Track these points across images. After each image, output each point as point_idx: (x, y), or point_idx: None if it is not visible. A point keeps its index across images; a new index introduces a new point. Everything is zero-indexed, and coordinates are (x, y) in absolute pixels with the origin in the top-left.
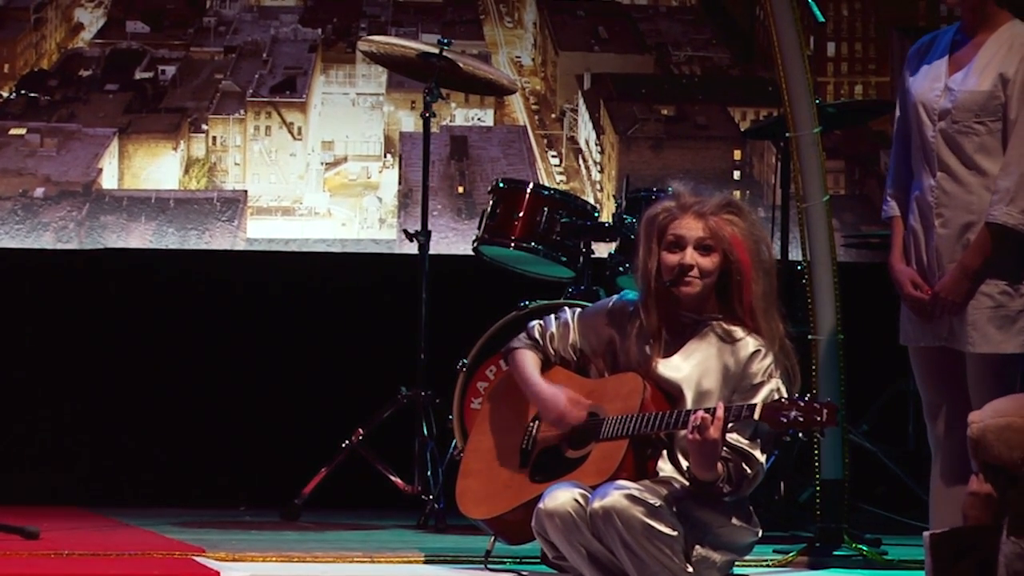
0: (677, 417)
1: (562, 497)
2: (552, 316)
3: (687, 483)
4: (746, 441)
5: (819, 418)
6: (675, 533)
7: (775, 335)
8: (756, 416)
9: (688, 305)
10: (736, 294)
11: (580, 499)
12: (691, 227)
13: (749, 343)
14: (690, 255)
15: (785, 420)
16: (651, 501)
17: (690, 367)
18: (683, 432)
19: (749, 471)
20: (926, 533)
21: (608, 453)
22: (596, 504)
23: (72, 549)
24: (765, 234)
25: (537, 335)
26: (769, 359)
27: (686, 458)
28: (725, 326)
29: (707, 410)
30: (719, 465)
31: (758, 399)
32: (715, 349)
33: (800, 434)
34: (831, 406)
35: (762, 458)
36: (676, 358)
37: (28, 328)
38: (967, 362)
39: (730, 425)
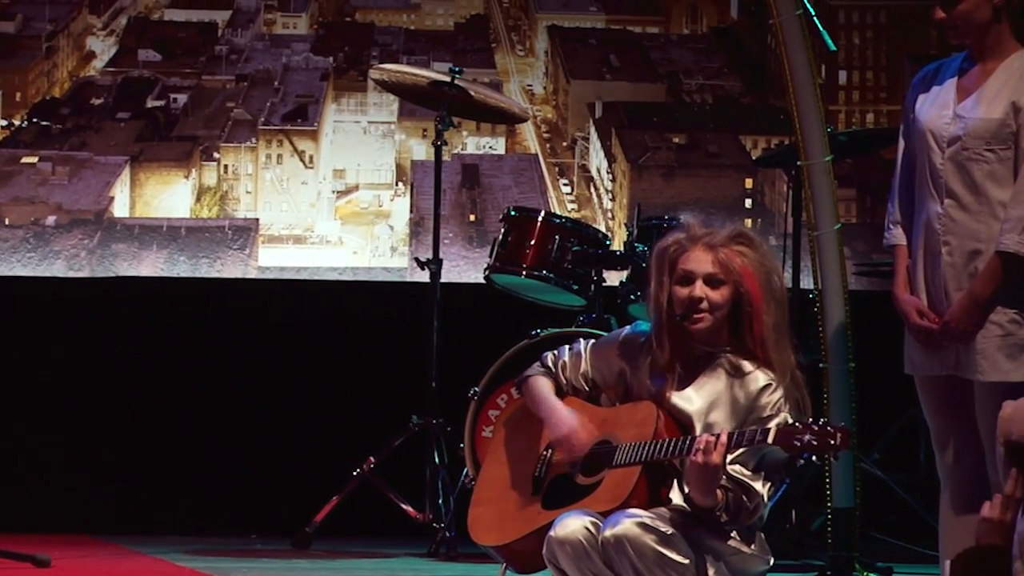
0: (690, 444)
1: (573, 525)
2: (565, 347)
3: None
4: (748, 473)
5: (833, 442)
6: (687, 561)
7: (786, 367)
8: (770, 440)
9: (700, 337)
10: (747, 325)
11: (591, 527)
12: (701, 260)
13: (759, 377)
14: (700, 289)
15: (799, 444)
16: (663, 529)
17: (701, 400)
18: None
19: (748, 503)
20: (946, 561)
21: (620, 480)
22: (608, 532)
23: None
24: (776, 264)
25: (550, 363)
26: (779, 393)
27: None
28: (734, 359)
29: (712, 435)
30: (719, 493)
31: None
32: (725, 383)
33: (814, 458)
34: (845, 430)
35: (764, 490)
36: (689, 390)
37: (39, 356)
38: (975, 390)
39: (736, 455)
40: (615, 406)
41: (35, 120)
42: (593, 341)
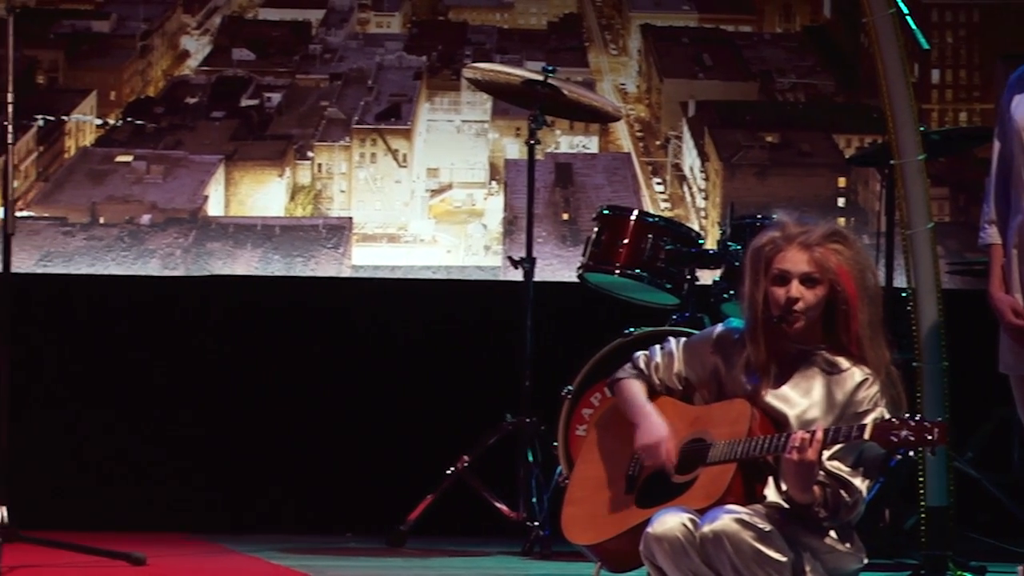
0: (785, 441)
1: (671, 522)
2: (657, 346)
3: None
4: (847, 469)
5: (930, 437)
6: (785, 559)
7: (881, 363)
8: (867, 436)
9: (795, 336)
10: (842, 323)
11: (689, 523)
12: (796, 260)
13: (855, 373)
14: (796, 289)
15: (896, 439)
16: (761, 526)
17: (797, 397)
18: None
19: (848, 498)
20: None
21: (715, 477)
22: (706, 528)
23: (178, 575)
24: (871, 261)
25: (642, 365)
26: (875, 388)
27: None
28: (830, 357)
29: (808, 431)
30: (816, 489)
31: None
32: (821, 380)
33: (910, 453)
34: (942, 425)
35: (862, 486)
36: (784, 388)
37: (134, 355)
38: None
39: (833, 451)
40: (708, 404)
41: (130, 119)
42: (685, 339)
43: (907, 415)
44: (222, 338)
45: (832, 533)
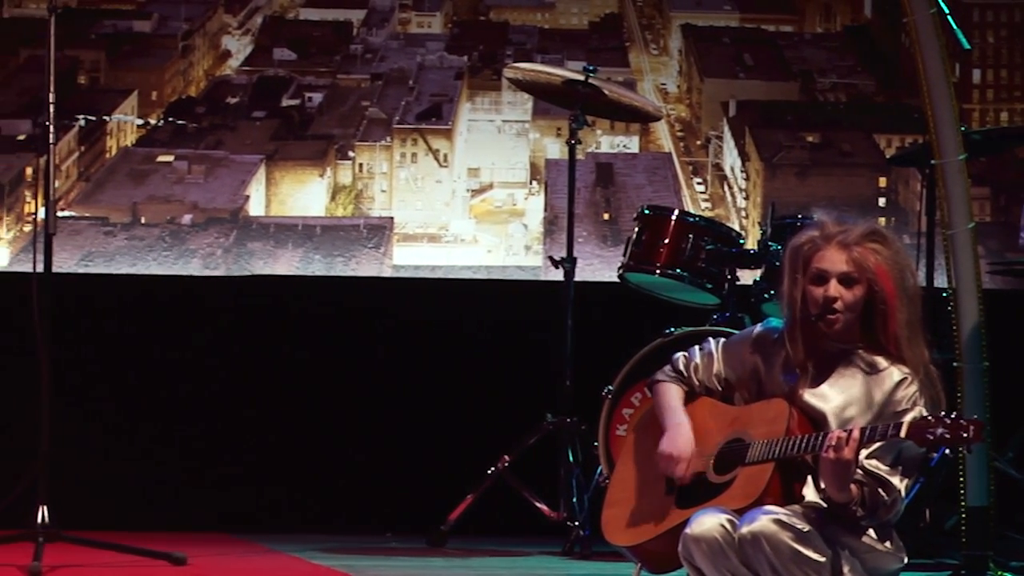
0: (822, 440)
1: (709, 522)
2: (696, 347)
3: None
4: (886, 468)
5: (966, 435)
6: (823, 559)
7: (919, 362)
8: (903, 434)
9: (834, 335)
10: (880, 323)
11: (727, 524)
12: (835, 260)
13: (894, 373)
14: (834, 288)
15: (932, 437)
16: (799, 526)
17: (836, 396)
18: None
19: (886, 497)
20: None
21: (753, 477)
22: (744, 529)
23: (219, 575)
24: (910, 261)
25: (681, 367)
26: (914, 387)
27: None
28: (868, 356)
29: (845, 430)
30: (853, 488)
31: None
32: (860, 378)
33: (947, 451)
34: (978, 423)
35: (901, 485)
36: (823, 387)
37: (175, 355)
38: None
39: (871, 450)
40: (747, 404)
41: (171, 119)
42: (724, 340)
43: (943, 413)
44: (262, 338)
45: (871, 532)
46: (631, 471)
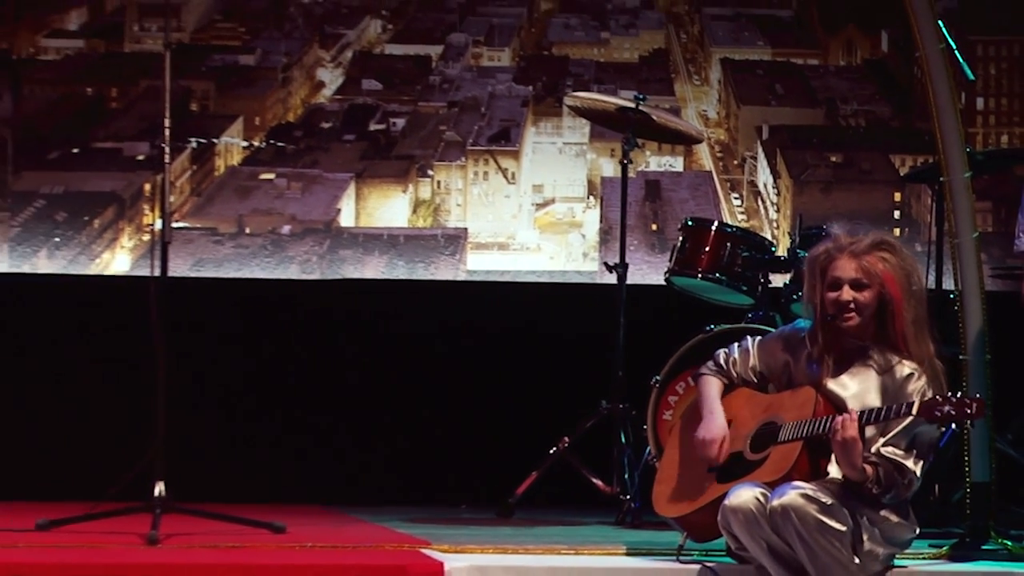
0: (830, 422)
1: (745, 495)
2: (735, 344)
3: None
4: (901, 452)
5: (969, 411)
6: (844, 528)
7: (925, 357)
8: (915, 412)
9: (850, 333)
10: (890, 321)
11: (761, 497)
12: (847, 268)
13: (905, 366)
14: (847, 293)
15: (940, 414)
16: (824, 499)
17: (854, 386)
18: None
19: (902, 479)
20: None
21: (784, 455)
22: (775, 502)
23: (314, 542)
24: (915, 266)
25: (722, 361)
26: (923, 380)
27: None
28: (880, 352)
29: (846, 412)
30: (868, 468)
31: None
32: (874, 371)
33: (954, 427)
34: (979, 401)
35: (916, 467)
36: (843, 377)
37: (275, 348)
38: None
39: (888, 437)
40: (779, 393)
41: (272, 142)
42: (759, 338)
43: (948, 392)
44: (353, 333)
45: (888, 506)
46: (677, 453)
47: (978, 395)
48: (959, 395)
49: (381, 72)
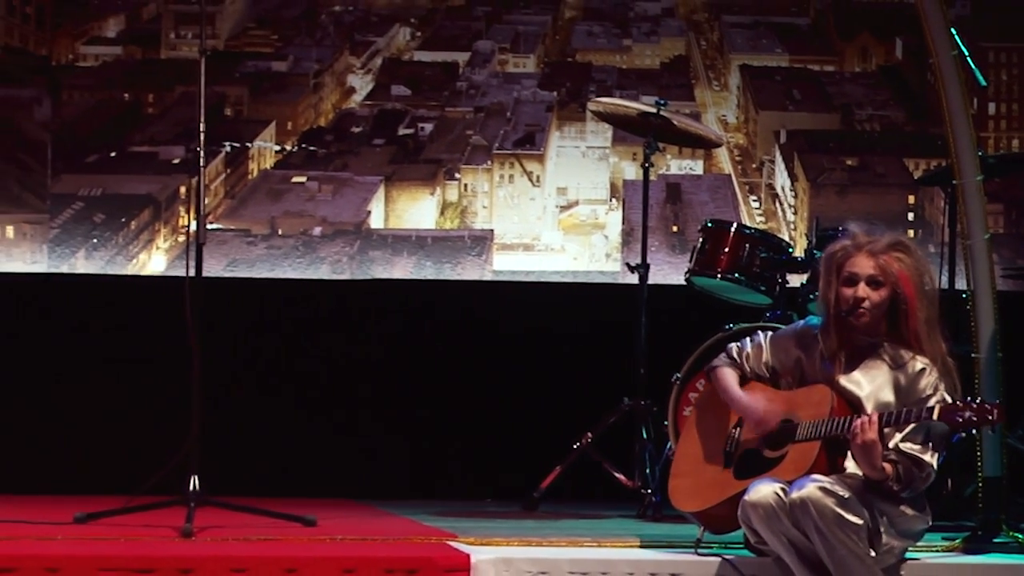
0: (850, 424)
1: (765, 490)
2: (747, 338)
3: None
4: (918, 447)
5: (990, 417)
6: (861, 522)
7: (937, 354)
8: (935, 417)
9: (863, 330)
10: (903, 320)
11: (780, 492)
12: (863, 265)
13: (917, 362)
14: (862, 290)
15: (960, 420)
16: (841, 493)
17: (867, 382)
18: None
19: (920, 474)
20: None
21: (803, 453)
22: (795, 495)
23: (344, 534)
24: (929, 267)
25: (735, 354)
26: (934, 375)
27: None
28: (893, 349)
29: (866, 415)
30: (887, 467)
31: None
32: (887, 368)
33: (972, 431)
34: (999, 407)
35: (933, 460)
36: (856, 374)
37: (307, 347)
38: None
39: (904, 434)
40: (793, 390)
41: (304, 146)
42: (772, 333)
43: (968, 398)
44: (383, 332)
45: (903, 500)
46: (692, 447)
47: (998, 400)
48: (979, 401)
49: (409, 78)
